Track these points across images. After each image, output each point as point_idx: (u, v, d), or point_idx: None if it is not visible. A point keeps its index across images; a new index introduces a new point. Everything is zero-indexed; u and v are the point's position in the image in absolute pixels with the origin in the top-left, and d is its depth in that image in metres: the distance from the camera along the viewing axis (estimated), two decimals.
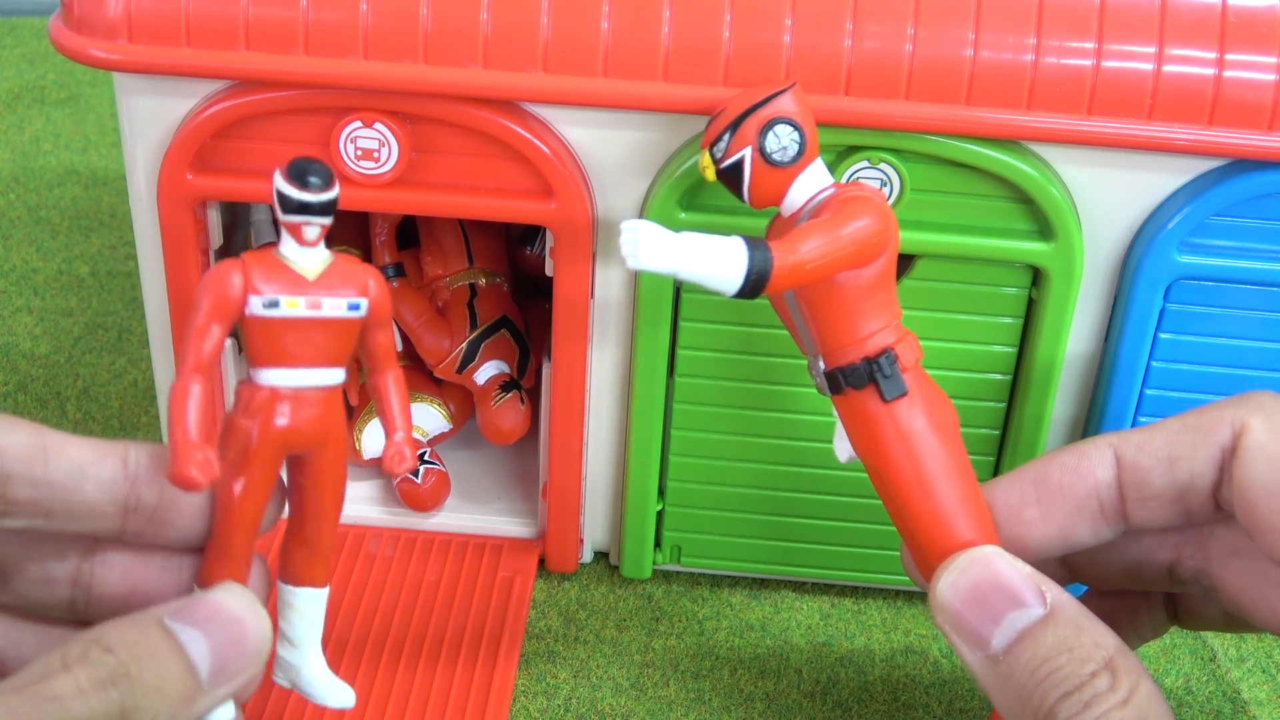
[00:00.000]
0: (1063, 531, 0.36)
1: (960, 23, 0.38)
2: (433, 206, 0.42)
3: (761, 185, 0.37)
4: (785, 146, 0.36)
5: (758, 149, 0.36)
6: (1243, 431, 0.34)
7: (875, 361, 0.36)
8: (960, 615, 0.34)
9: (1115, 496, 0.36)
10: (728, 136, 0.36)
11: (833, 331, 0.36)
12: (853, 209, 0.35)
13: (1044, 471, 0.36)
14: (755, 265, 0.34)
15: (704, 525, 0.47)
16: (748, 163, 0.36)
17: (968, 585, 0.34)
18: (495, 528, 0.49)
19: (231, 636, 0.32)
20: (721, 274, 0.34)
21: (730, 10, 0.39)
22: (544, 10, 0.39)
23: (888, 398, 0.36)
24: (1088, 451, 0.36)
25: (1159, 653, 0.46)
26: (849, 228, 0.35)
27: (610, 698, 0.44)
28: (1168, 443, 0.35)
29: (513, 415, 0.48)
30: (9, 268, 0.64)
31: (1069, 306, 0.42)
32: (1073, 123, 0.39)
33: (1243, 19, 0.38)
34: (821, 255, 0.34)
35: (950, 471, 0.36)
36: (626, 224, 0.34)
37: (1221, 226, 0.40)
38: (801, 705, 0.44)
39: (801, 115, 0.36)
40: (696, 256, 0.34)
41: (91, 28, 0.39)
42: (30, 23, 0.90)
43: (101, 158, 0.74)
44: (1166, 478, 0.35)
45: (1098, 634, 0.33)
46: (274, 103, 0.40)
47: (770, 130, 0.36)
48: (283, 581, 0.36)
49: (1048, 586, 0.34)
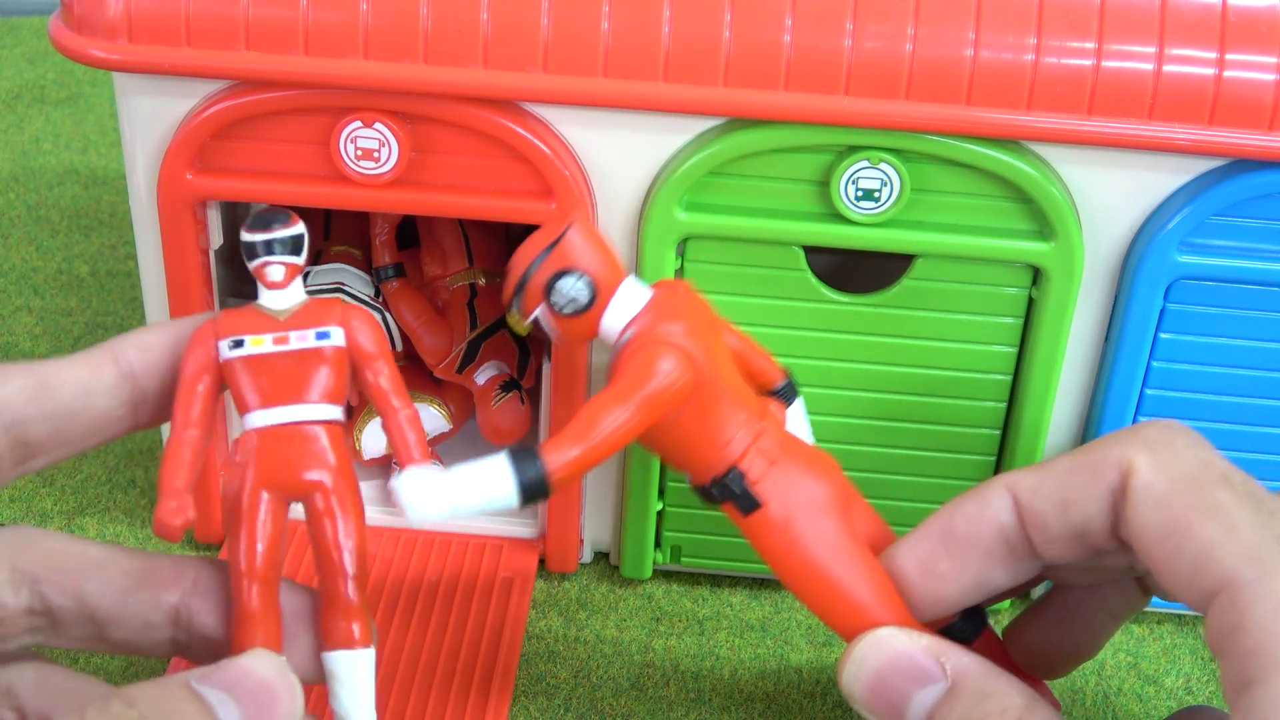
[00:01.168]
0: (978, 580, 0.36)
1: (960, 23, 0.38)
2: (433, 206, 0.42)
3: (571, 332, 0.37)
4: (574, 298, 0.36)
5: (549, 307, 0.36)
6: (1129, 472, 0.33)
7: (721, 483, 0.36)
8: (871, 703, 0.34)
9: (1022, 538, 0.35)
10: (516, 301, 0.36)
11: (679, 459, 0.37)
12: (643, 363, 0.35)
13: (949, 524, 0.36)
14: (525, 478, 0.33)
15: (704, 525, 0.47)
16: (545, 320, 0.36)
17: (870, 672, 0.34)
18: (495, 528, 0.49)
19: (260, 702, 0.31)
20: (496, 497, 0.34)
21: (730, 10, 0.39)
22: (544, 10, 0.39)
23: (744, 513, 0.36)
24: (988, 498, 0.35)
25: (1159, 653, 0.46)
26: (639, 395, 0.35)
27: (610, 698, 0.44)
28: (1058, 486, 0.34)
29: (513, 415, 0.48)
30: (9, 267, 0.64)
31: (1069, 306, 0.42)
32: (1073, 123, 0.39)
33: (1243, 19, 0.38)
34: (611, 435, 0.34)
35: (836, 553, 0.36)
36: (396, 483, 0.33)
37: (1222, 226, 0.40)
38: (801, 705, 0.44)
39: (585, 259, 0.36)
40: (467, 494, 0.33)
41: (91, 28, 0.39)
42: (30, 23, 0.90)
43: (101, 157, 0.74)
44: (1061, 521, 0.34)
45: (1003, 696, 0.33)
46: (274, 103, 0.40)
47: (554, 287, 0.36)
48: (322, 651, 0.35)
49: (947, 655, 0.34)
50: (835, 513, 0.36)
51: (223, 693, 0.31)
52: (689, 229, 0.41)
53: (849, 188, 0.40)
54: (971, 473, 0.45)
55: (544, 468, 0.34)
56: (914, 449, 0.45)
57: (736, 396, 0.36)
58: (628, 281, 0.37)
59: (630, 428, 0.34)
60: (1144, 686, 0.45)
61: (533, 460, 0.34)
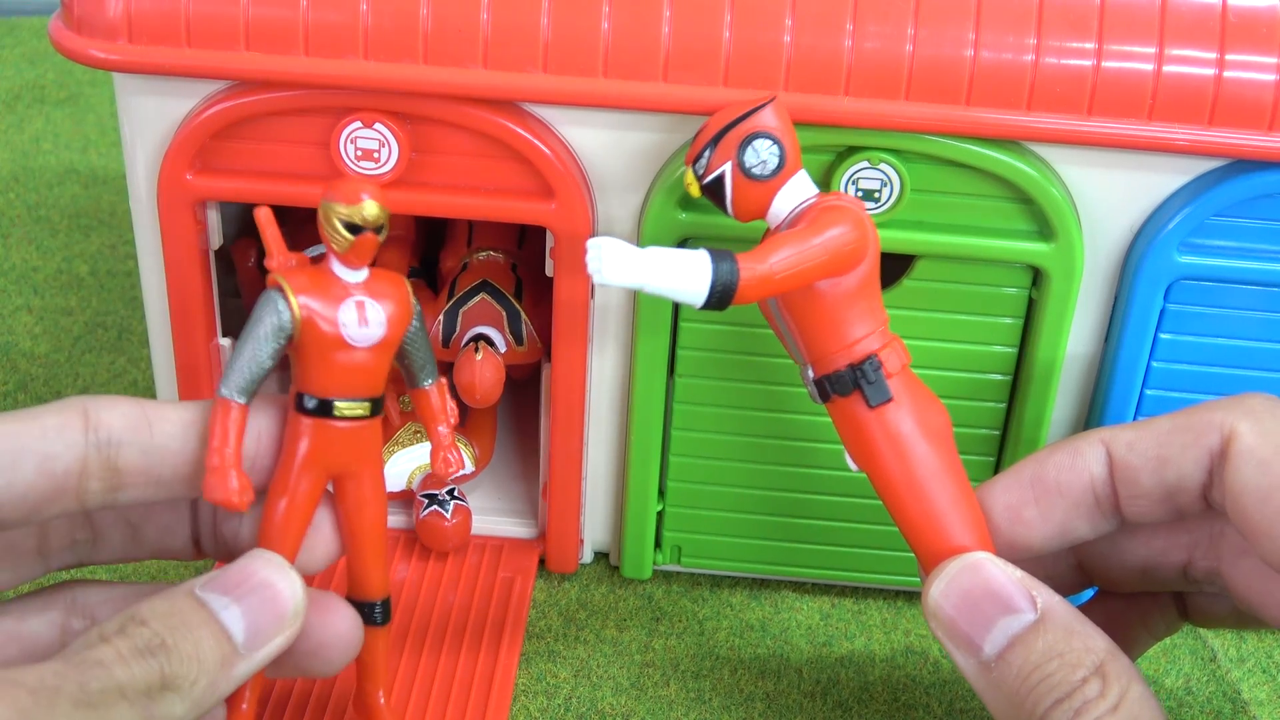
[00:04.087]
0: (1062, 528, 0.37)
1: (960, 23, 0.38)
2: (433, 206, 0.42)
3: (744, 200, 0.37)
4: (764, 160, 0.36)
5: (737, 164, 0.36)
6: (1232, 436, 0.34)
7: (859, 368, 0.36)
8: (952, 621, 0.34)
9: (1110, 491, 0.36)
10: (708, 153, 0.37)
11: (817, 339, 0.37)
12: (827, 218, 0.36)
13: (1040, 471, 0.37)
14: (720, 277, 0.34)
15: (704, 525, 0.47)
16: (728, 178, 0.37)
17: (958, 592, 0.35)
18: (495, 528, 0.49)
19: (263, 600, 0.33)
20: (686, 287, 0.34)
21: (730, 10, 0.39)
22: (544, 10, 0.39)
23: (873, 404, 0.36)
24: (1081, 448, 0.36)
25: (1159, 653, 0.46)
26: (821, 237, 0.35)
27: (610, 698, 0.44)
28: (1157, 443, 0.35)
29: (468, 368, 0.46)
30: (9, 267, 0.64)
31: (1069, 306, 0.42)
32: (1073, 123, 0.39)
33: (1243, 19, 0.38)
34: (792, 265, 0.35)
35: (941, 475, 0.37)
36: (592, 241, 0.34)
37: (1221, 227, 0.40)
38: (801, 705, 0.44)
39: (781, 129, 0.37)
40: (660, 270, 0.34)
41: (91, 28, 0.39)
42: (30, 23, 0.90)
43: (101, 157, 0.74)
44: (1155, 478, 0.35)
45: (1089, 638, 0.33)
46: (274, 103, 0.40)
47: (749, 145, 0.36)
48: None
49: (1039, 591, 0.34)
50: (947, 440, 0.37)
51: (225, 596, 0.32)
52: (689, 229, 0.41)
53: (849, 188, 0.40)
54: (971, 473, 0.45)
55: (737, 272, 0.34)
56: None
57: (881, 299, 0.37)
58: (802, 172, 0.37)
59: (813, 263, 0.35)
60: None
61: (730, 262, 0.34)
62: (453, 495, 0.48)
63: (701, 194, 0.37)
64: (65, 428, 0.33)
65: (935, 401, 0.37)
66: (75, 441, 0.33)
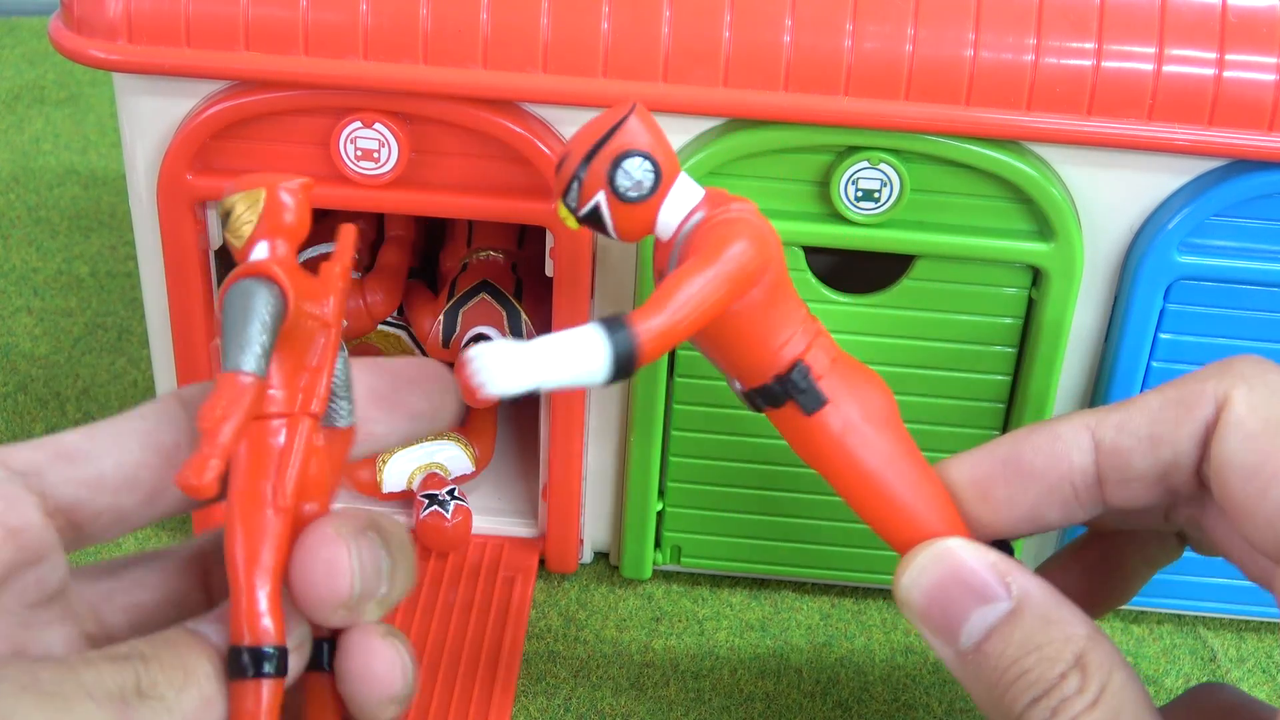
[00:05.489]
0: (1031, 514, 0.35)
1: (960, 23, 0.38)
2: (433, 206, 0.42)
3: (627, 223, 0.34)
4: (639, 180, 0.34)
5: (611, 191, 0.33)
6: (1225, 405, 0.32)
7: (787, 379, 0.34)
8: (926, 612, 0.33)
9: (1091, 481, 0.34)
10: (576, 185, 0.34)
11: (737, 358, 0.35)
12: (718, 238, 0.33)
13: (1015, 451, 0.35)
14: (619, 350, 0.31)
15: (704, 525, 0.47)
16: (604, 206, 0.34)
17: (930, 581, 0.33)
18: (495, 528, 0.49)
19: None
20: (585, 372, 0.31)
21: (730, 10, 0.39)
22: (544, 10, 0.39)
23: (808, 411, 0.35)
24: (1062, 433, 0.34)
25: (1159, 653, 0.46)
26: (718, 265, 0.32)
27: (610, 698, 0.44)
28: (1149, 421, 0.33)
29: None
30: (9, 268, 0.64)
31: (1069, 306, 0.42)
32: (1073, 123, 0.39)
33: (1243, 19, 0.38)
34: (695, 307, 0.32)
35: (897, 462, 0.35)
36: (469, 353, 0.30)
37: (1221, 227, 0.41)
38: (801, 705, 0.44)
39: (650, 142, 0.34)
40: (553, 365, 0.31)
41: (91, 28, 0.39)
42: (30, 23, 0.90)
43: (101, 158, 0.74)
44: (1149, 459, 0.33)
45: (1067, 625, 0.32)
46: (274, 103, 0.40)
47: (619, 168, 0.33)
48: None
49: (1014, 576, 0.33)
50: (894, 422, 0.35)
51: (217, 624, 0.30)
52: None
53: (849, 188, 0.40)
54: None
55: (634, 337, 0.31)
56: None
57: (795, 292, 0.35)
58: (683, 175, 0.35)
59: (713, 298, 0.32)
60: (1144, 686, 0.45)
61: (624, 329, 0.31)
62: (453, 495, 0.48)
63: (579, 225, 0.34)
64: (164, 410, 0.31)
65: (873, 380, 0.35)
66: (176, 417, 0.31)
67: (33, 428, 0.54)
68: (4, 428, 0.54)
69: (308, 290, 0.31)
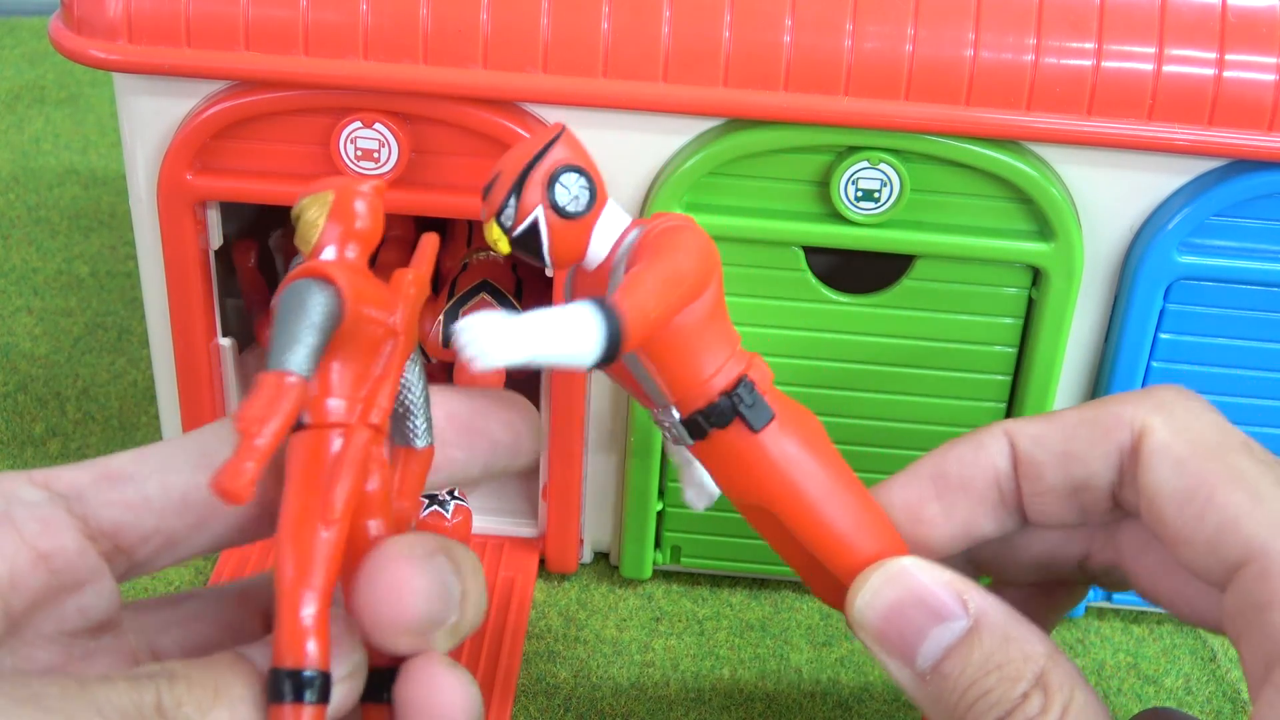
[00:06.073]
0: (966, 526, 0.34)
1: (960, 23, 0.38)
2: (433, 206, 0.42)
3: (562, 243, 0.33)
4: (576, 196, 0.33)
5: (549, 205, 0.32)
6: (1144, 433, 0.32)
7: (734, 394, 0.34)
8: (881, 633, 0.32)
9: (1014, 486, 0.34)
10: (513, 200, 0.32)
11: (681, 375, 0.34)
12: (671, 242, 0.32)
13: (941, 466, 0.35)
14: (610, 330, 0.30)
15: (704, 525, 0.47)
16: (542, 222, 0.32)
17: (885, 602, 0.32)
18: (495, 528, 0.49)
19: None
20: (578, 348, 0.30)
21: (730, 10, 0.39)
22: (544, 10, 0.39)
23: (757, 427, 0.34)
24: (984, 440, 0.34)
25: (1159, 653, 0.46)
26: (676, 262, 0.32)
27: (610, 698, 0.44)
28: (1063, 438, 0.33)
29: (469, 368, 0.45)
30: (9, 268, 0.64)
31: (1069, 306, 0.42)
32: (1073, 123, 0.39)
33: (1243, 19, 0.38)
34: (661, 298, 0.31)
35: (837, 487, 0.34)
36: (460, 324, 0.29)
37: (1221, 227, 0.41)
38: (801, 705, 0.44)
39: (584, 161, 0.33)
40: (546, 338, 0.30)
41: (91, 28, 0.39)
42: (30, 23, 0.90)
43: (101, 158, 0.74)
44: (1060, 473, 0.33)
45: (1026, 643, 0.31)
46: (274, 103, 0.40)
47: (556, 183, 0.33)
48: None
49: (970, 594, 0.32)
50: (829, 443, 0.35)
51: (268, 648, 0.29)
52: None
53: (849, 188, 0.40)
54: None
55: (620, 314, 0.30)
56: (913, 449, 0.45)
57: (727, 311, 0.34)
58: (611, 201, 0.34)
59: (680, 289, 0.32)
60: (1144, 686, 0.45)
61: (609, 305, 0.30)
62: (453, 495, 0.48)
63: (512, 249, 0.33)
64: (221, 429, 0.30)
65: (805, 410, 0.35)
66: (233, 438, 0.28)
67: (33, 428, 0.54)
68: (4, 428, 0.54)
69: (372, 296, 0.30)
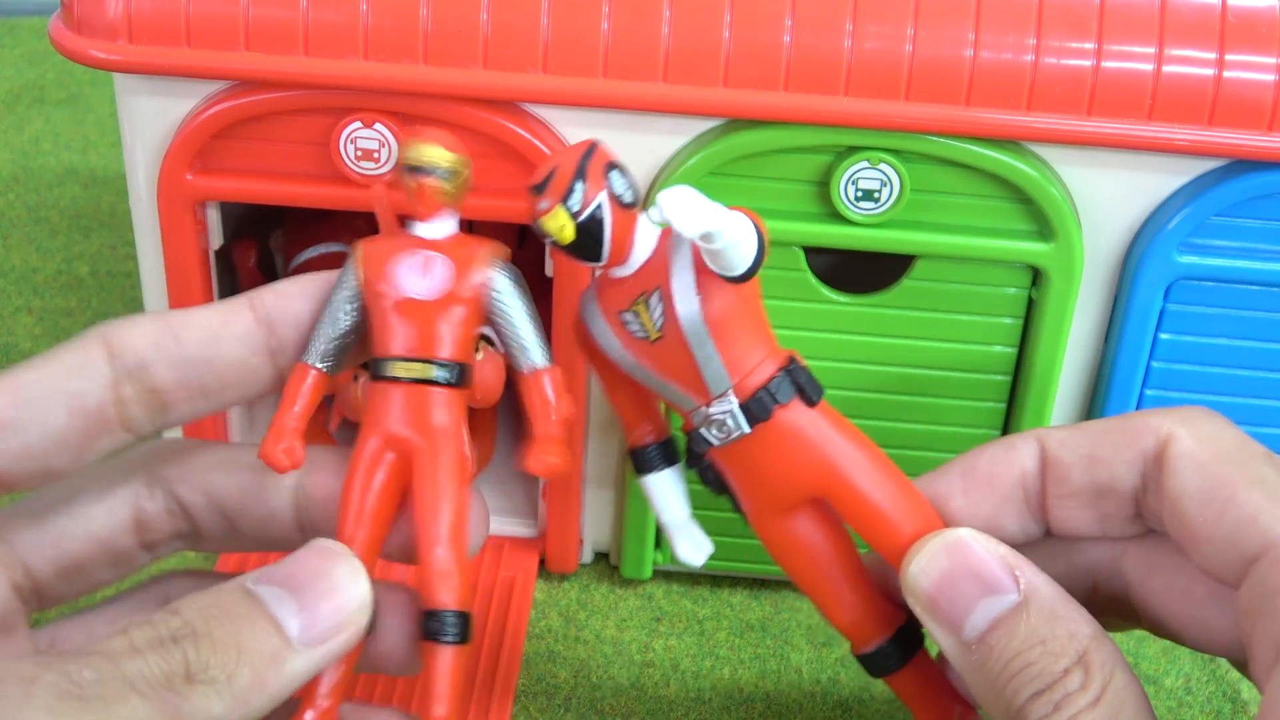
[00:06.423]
0: (989, 523, 0.35)
1: (960, 23, 0.38)
2: None
3: (620, 233, 0.34)
4: (630, 186, 0.34)
5: (611, 193, 0.33)
6: (1168, 440, 0.33)
7: (790, 369, 0.34)
8: (933, 600, 0.33)
9: (1039, 489, 0.35)
10: (580, 185, 0.33)
11: (749, 347, 0.34)
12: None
13: (971, 463, 0.35)
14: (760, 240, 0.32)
15: (704, 525, 0.47)
16: (606, 208, 0.33)
17: (939, 570, 0.33)
18: (495, 528, 0.49)
19: (321, 592, 0.31)
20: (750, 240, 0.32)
21: (730, 10, 0.39)
22: (544, 10, 0.39)
23: (815, 400, 0.34)
24: (1015, 442, 0.35)
25: (1159, 653, 0.46)
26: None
27: (610, 698, 0.44)
28: (1089, 442, 0.34)
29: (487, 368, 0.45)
30: (9, 268, 0.64)
31: (1069, 307, 0.42)
32: (1073, 123, 0.39)
33: (1243, 19, 0.38)
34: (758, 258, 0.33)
35: (881, 465, 0.35)
36: (663, 194, 0.31)
37: (1221, 227, 0.41)
38: (801, 705, 0.44)
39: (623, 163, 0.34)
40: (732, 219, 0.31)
41: (91, 28, 0.39)
42: (30, 23, 0.90)
43: (101, 158, 0.74)
44: (1086, 476, 0.34)
45: (1073, 622, 0.32)
46: (274, 103, 0.40)
47: (613, 172, 0.34)
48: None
49: (1023, 569, 0.33)
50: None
51: (279, 588, 0.30)
52: None
53: (849, 188, 0.40)
54: None
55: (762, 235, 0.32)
56: (913, 450, 0.45)
57: None
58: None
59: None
60: (1144, 686, 0.45)
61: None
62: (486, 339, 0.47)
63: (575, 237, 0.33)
64: (88, 362, 0.32)
65: None
66: (100, 373, 0.32)
67: None
68: None
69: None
